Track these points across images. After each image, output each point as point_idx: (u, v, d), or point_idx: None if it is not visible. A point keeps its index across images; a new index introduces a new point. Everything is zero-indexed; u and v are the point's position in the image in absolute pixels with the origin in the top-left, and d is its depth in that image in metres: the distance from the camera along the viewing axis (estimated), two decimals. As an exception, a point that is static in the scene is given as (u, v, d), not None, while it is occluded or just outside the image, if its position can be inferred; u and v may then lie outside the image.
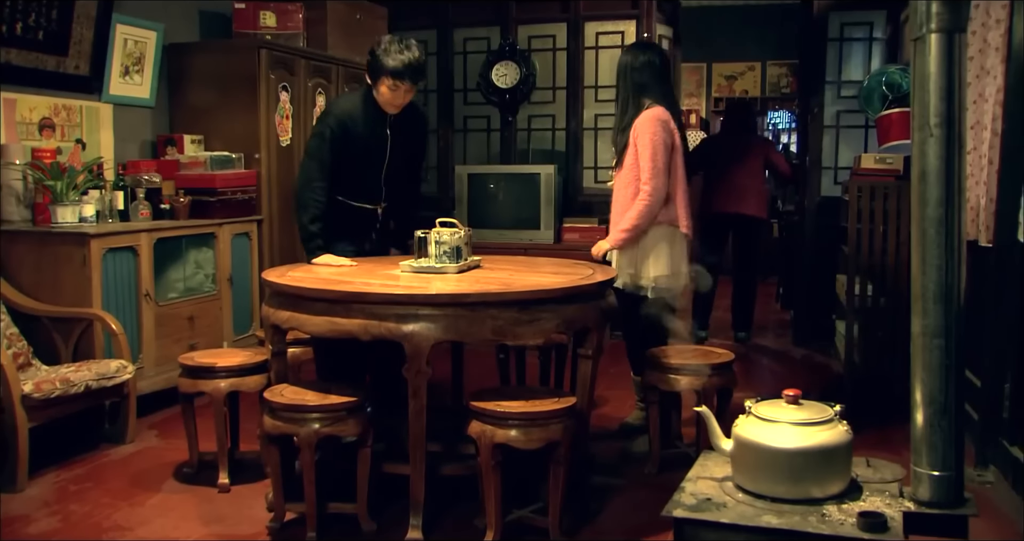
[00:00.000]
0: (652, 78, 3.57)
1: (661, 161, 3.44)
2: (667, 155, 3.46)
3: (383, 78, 3.27)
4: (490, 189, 6.01)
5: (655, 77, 3.57)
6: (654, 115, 3.48)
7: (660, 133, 3.44)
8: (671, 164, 3.49)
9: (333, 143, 3.33)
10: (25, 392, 3.24)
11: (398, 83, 3.26)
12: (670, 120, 3.50)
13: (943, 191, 2.15)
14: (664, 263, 3.49)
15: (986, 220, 3.33)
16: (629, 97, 3.58)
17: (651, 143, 3.43)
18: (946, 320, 2.15)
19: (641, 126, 3.48)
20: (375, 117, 3.38)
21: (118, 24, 4.48)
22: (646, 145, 3.44)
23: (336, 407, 2.74)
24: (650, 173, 3.43)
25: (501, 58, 6.35)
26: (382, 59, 3.25)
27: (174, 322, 4.25)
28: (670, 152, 3.47)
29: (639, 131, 3.48)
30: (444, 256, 3.09)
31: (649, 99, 3.54)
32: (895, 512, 2.13)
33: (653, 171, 3.43)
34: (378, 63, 3.26)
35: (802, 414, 2.25)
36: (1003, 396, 3.24)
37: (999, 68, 3.23)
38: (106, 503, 3.15)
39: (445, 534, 2.86)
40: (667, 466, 3.36)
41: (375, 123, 3.38)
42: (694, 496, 2.25)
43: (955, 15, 2.12)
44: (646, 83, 3.56)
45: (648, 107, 3.52)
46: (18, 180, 3.96)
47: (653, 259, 3.49)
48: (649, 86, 3.56)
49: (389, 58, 3.23)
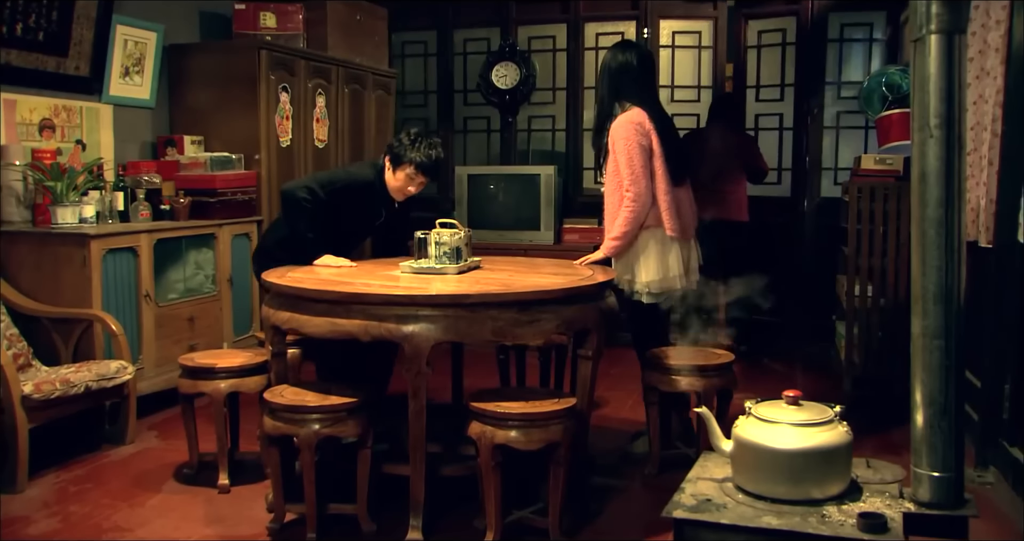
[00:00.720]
0: (629, 79, 3.50)
1: (639, 166, 3.38)
2: (644, 158, 3.40)
3: (406, 166, 3.34)
4: (490, 190, 6.01)
5: (633, 78, 3.50)
6: (628, 119, 3.42)
7: (634, 137, 3.38)
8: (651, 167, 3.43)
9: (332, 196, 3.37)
10: (25, 393, 3.24)
11: (419, 175, 3.36)
12: (645, 121, 3.42)
13: (943, 192, 2.15)
14: (655, 266, 3.44)
15: (986, 221, 3.33)
16: (605, 98, 3.54)
17: (626, 149, 3.38)
18: (946, 321, 2.15)
19: (615, 131, 3.43)
20: (381, 196, 3.47)
21: (118, 25, 4.48)
22: (622, 151, 3.39)
23: (336, 408, 2.74)
24: (630, 180, 3.38)
25: (501, 59, 6.35)
26: (410, 150, 3.34)
27: (174, 323, 4.25)
28: (647, 155, 3.41)
29: (614, 136, 3.43)
30: (444, 257, 3.09)
31: (627, 101, 3.48)
32: (895, 513, 2.13)
33: (632, 177, 3.37)
34: (405, 152, 3.35)
35: (802, 415, 2.25)
36: (1003, 397, 3.24)
37: (999, 69, 3.23)
38: (106, 504, 3.15)
39: (445, 535, 2.86)
40: (667, 467, 3.36)
41: (376, 201, 3.48)
42: (694, 497, 2.25)
43: (955, 16, 2.12)
44: (623, 84, 3.50)
45: (625, 109, 3.47)
46: (18, 181, 3.96)
47: (643, 263, 3.44)
48: (625, 87, 3.50)
49: (418, 152, 3.33)
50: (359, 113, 5.74)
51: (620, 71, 3.51)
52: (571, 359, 3.12)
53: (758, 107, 6.06)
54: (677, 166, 3.48)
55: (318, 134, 5.29)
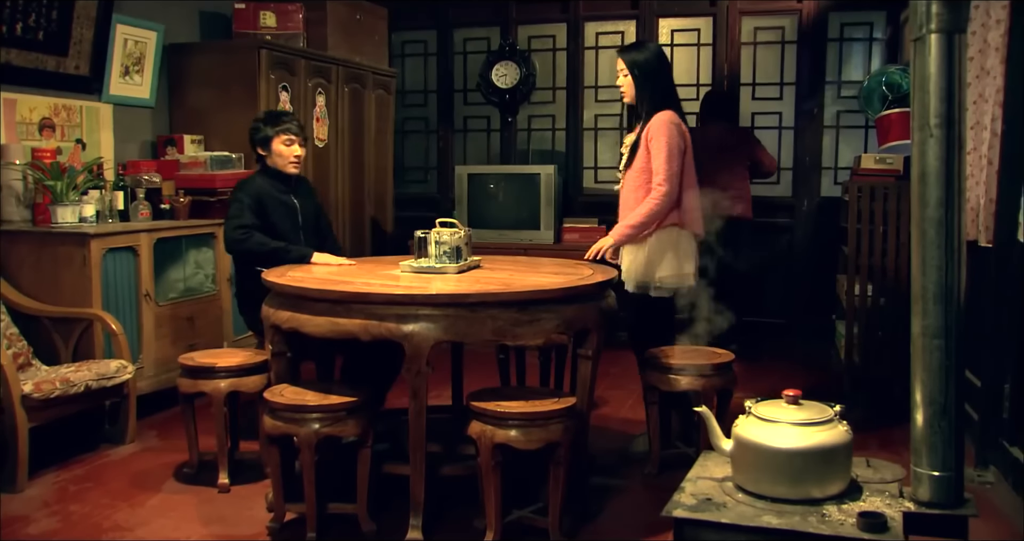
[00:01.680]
0: (669, 81, 3.57)
1: (676, 165, 3.41)
2: (681, 159, 3.43)
3: (276, 138, 3.60)
4: (490, 189, 6.01)
5: (671, 81, 3.58)
6: (668, 119, 3.44)
7: (676, 137, 3.42)
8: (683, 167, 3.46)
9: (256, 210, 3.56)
10: (25, 392, 3.24)
11: (288, 135, 3.61)
12: (682, 123, 3.48)
13: (943, 191, 2.15)
14: (672, 263, 3.45)
15: (986, 220, 3.33)
16: (652, 96, 3.51)
17: (666, 146, 3.39)
18: (946, 320, 2.15)
19: (658, 129, 3.43)
20: (280, 187, 3.66)
21: (118, 24, 4.48)
22: (661, 148, 3.40)
23: (336, 407, 2.74)
24: (664, 176, 3.39)
25: (501, 58, 6.36)
26: (267, 127, 3.61)
27: (174, 322, 4.24)
28: (683, 156, 3.45)
29: (653, 134, 3.44)
30: (444, 256, 3.09)
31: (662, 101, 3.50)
32: (895, 512, 2.13)
33: (667, 174, 3.39)
34: (266, 130, 3.61)
35: (802, 414, 2.25)
36: (1003, 396, 3.24)
37: (999, 69, 3.23)
38: (106, 503, 3.15)
39: (445, 534, 2.86)
40: (667, 466, 3.36)
41: (280, 192, 3.66)
42: (694, 496, 2.25)
43: (955, 15, 2.12)
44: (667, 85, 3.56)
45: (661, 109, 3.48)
46: (18, 180, 3.96)
47: (660, 262, 3.45)
48: (668, 88, 3.56)
49: (273, 123, 3.61)
50: (359, 112, 5.74)
51: (664, 72, 3.56)
52: (571, 359, 3.12)
53: (755, 105, 6.06)
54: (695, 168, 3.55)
55: (318, 133, 5.29)
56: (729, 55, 6.03)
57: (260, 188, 3.59)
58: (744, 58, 6.03)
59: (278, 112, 3.78)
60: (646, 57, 3.54)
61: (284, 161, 3.63)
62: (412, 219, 4.77)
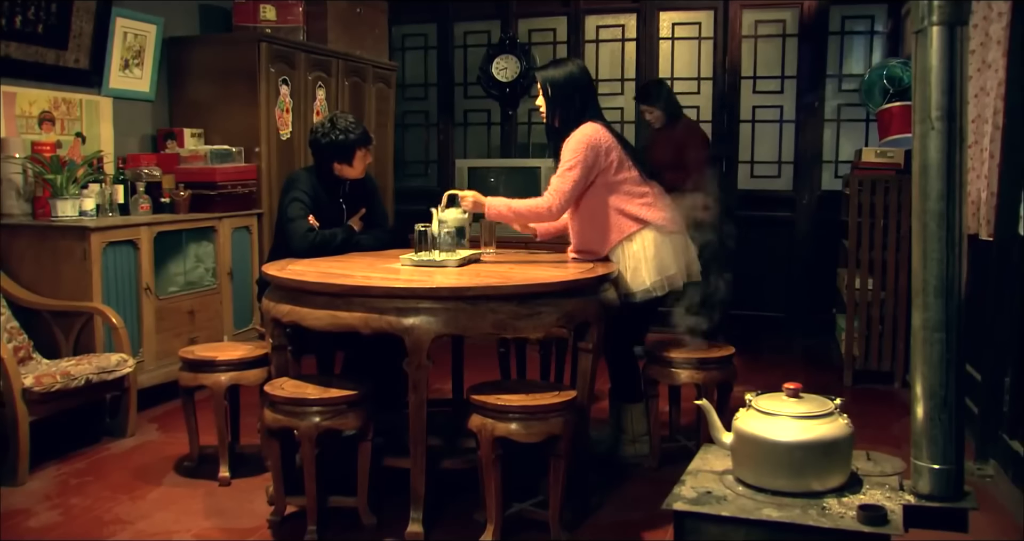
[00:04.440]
0: (590, 93, 3.35)
1: (572, 185, 3.21)
2: (586, 180, 3.22)
3: (358, 150, 3.50)
4: (490, 183, 5.99)
5: (592, 92, 3.36)
6: (586, 133, 3.22)
7: (588, 157, 3.19)
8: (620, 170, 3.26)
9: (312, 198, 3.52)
10: (26, 386, 3.24)
11: (366, 149, 3.53)
12: (606, 130, 3.26)
13: (944, 185, 2.14)
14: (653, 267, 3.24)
15: (987, 214, 3.33)
16: (559, 116, 3.31)
17: (571, 162, 3.20)
18: (947, 314, 2.15)
19: (570, 143, 3.24)
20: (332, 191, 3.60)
21: (118, 18, 4.47)
22: (565, 161, 3.23)
23: (336, 401, 2.74)
24: (555, 188, 3.24)
25: (501, 52, 6.34)
26: (343, 135, 3.46)
27: (174, 316, 4.25)
28: (590, 174, 3.22)
29: (566, 147, 3.25)
30: (447, 236, 3.12)
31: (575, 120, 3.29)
32: (895, 505, 2.13)
33: (559, 189, 3.23)
34: (347, 139, 3.46)
35: (802, 407, 2.25)
36: (1003, 390, 3.24)
37: (1001, 62, 3.23)
38: (107, 497, 3.15)
39: (445, 528, 2.87)
40: (667, 460, 3.37)
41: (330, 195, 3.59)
42: (694, 489, 2.25)
43: (957, 8, 2.11)
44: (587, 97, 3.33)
45: (581, 121, 3.27)
46: (18, 174, 3.95)
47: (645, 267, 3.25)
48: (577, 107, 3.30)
49: (351, 132, 3.47)
50: (359, 106, 5.73)
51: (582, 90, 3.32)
52: (571, 352, 3.12)
53: (756, 99, 6.04)
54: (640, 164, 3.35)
55: (318, 127, 5.28)
56: (730, 48, 6.02)
57: (316, 189, 3.52)
58: (745, 51, 6.02)
59: (355, 121, 3.52)
60: (562, 75, 3.30)
61: (356, 172, 3.55)
62: (412, 213, 4.76)
